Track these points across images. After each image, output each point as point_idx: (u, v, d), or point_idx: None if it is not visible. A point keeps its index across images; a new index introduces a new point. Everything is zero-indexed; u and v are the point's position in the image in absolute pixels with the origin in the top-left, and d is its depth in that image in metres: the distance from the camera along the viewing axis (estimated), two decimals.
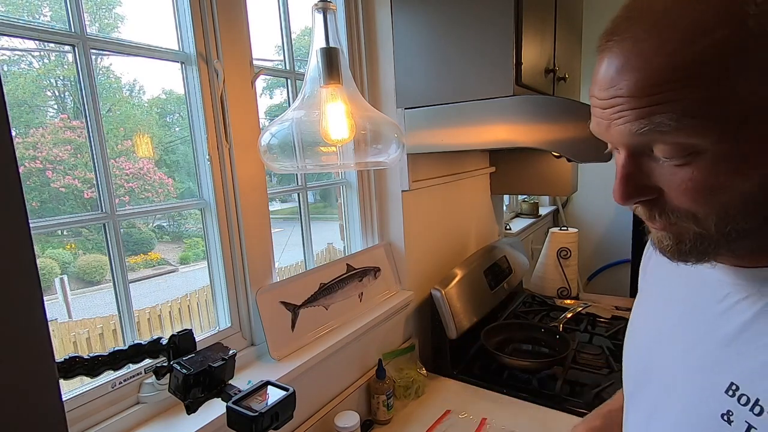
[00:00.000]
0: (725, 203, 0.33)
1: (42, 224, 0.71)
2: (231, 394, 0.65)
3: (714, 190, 0.33)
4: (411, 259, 1.40)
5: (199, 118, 0.91)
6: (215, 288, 0.99)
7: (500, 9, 1.05)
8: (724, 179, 0.33)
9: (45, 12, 1.04)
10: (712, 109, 0.31)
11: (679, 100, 0.31)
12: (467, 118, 1.13)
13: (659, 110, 0.32)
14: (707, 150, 0.32)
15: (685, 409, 0.42)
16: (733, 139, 0.31)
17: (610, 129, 0.36)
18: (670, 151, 0.34)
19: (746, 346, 0.37)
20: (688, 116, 0.31)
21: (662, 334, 0.49)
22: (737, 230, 0.34)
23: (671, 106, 0.32)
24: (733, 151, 0.32)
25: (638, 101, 0.33)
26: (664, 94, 0.32)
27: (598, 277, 2.97)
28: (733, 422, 0.36)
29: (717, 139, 0.32)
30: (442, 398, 1.23)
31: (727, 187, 0.33)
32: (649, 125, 0.33)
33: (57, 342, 2.55)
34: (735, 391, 0.36)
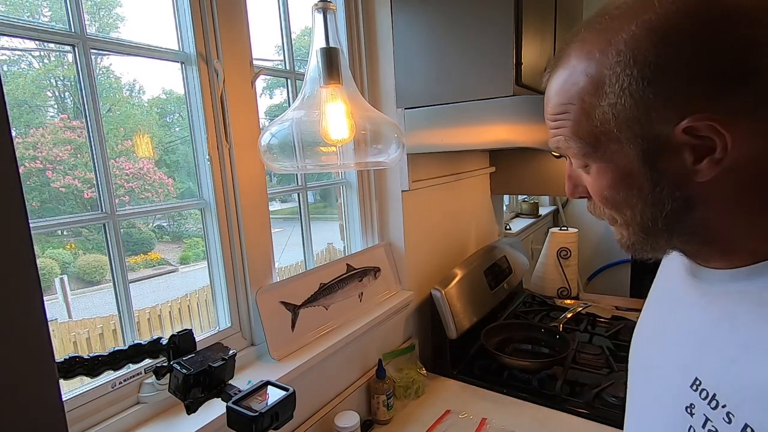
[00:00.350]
0: (620, 208, 0.42)
1: (42, 224, 0.71)
2: (231, 394, 0.65)
3: (606, 197, 0.43)
4: (411, 259, 1.40)
5: (199, 118, 0.91)
6: (215, 288, 0.99)
7: (500, 9, 1.05)
8: (607, 191, 0.42)
9: (45, 12, 1.03)
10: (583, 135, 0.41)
11: (566, 127, 0.42)
12: (467, 118, 1.13)
13: (558, 132, 0.43)
14: (591, 165, 0.42)
15: (656, 401, 0.47)
16: (604, 160, 0.41)
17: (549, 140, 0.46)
18: (575, 162, 0.45)
19: (711, 344, 0.40)
20: (571, 139, 0.42)
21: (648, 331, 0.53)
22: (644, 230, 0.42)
23: (563, 131, 0.42)
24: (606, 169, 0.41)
25: (549, 122, 0.44)
26: (559, 122, 0.42)
27: (598, 277, 2.97)
28: (695, 414, 0.39)
29: (594, 158, 0.41)
30: (442, 398, 1.23)
31: (613, 197, 0.42)
32: (555, 142, 0.44)
33: (57, 342, 2.54)
34: (698, 386, 0.40)
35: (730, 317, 0.39)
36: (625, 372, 0.57)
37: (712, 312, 0.41)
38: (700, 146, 0.35)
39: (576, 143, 0.41)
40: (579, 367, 1.30)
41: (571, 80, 0.40)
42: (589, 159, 0.42)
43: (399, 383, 1.22)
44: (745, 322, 0.37)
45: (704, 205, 0.38)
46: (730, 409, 0.36)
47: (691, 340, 0.43)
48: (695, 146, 0.35)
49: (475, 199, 1.82)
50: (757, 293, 0.37)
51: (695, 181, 0.37)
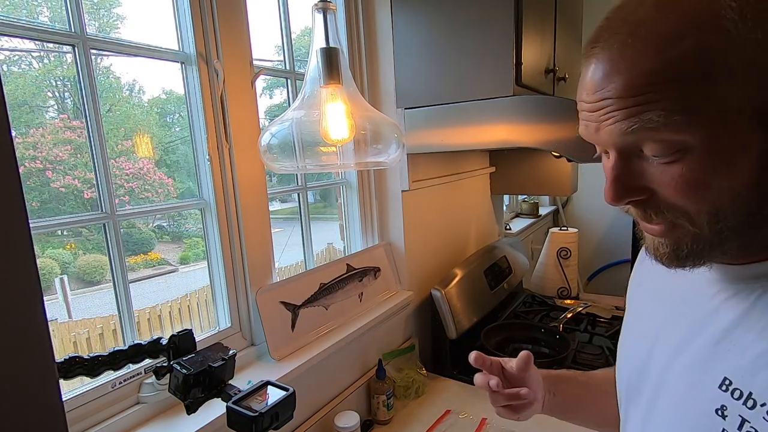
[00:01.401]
0: (715, 200, 0.35)
1: (42, 224, 0.71)
2: (231, 394, 0.65)
3: (703, 186, 0.34)
4: (411, 259, 1.40)
5: (199, 118, 0.91)
6: (215, 288, 0.99)
7: (500, 9, 1.05)
8: (712, 175, 0.34)
9: (45, 12, 1.03)
10: (697, 106, 0.32)
11: (665, 98, 0.33)
12: (467, 118, 1.13)
13: (647, 108, 0.33)
14: (695, 147, 0.33)
15: (677, 407, 0.43)
16: (717, 135, 0.33)
17: (599, 131, 0.37)
18: (659, 149, 0.35)
19: (737, 341, 0.38)
20: (675, 113, 0.32)
21: (651, 336, 0.49)
22: (729, 228, 0.35)
23: (658, 104, 0.33)
24: (718, 148, 0.33)
25: (626, 101, 0.34)
26: (650, 94, 0.33)
27: (598, 277, 2.97)
28: (728, 416, 0.36)
29: (703, 136, 0.33)
30: (442, 398, 1.23)
31: (716, 184, 0.34)
32: (639, 123, 0.34)
33: (57, 342, 2.54)
34: (728, 386, 0.37)
35: (756, 311, 0.37)
36: None
37: (734, 308, 0.39)
38: None
39: (684, 116, 0.32)
40: (579, 367, 1.30)
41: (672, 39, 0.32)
42: (697, 136, 0.33)
43: (399, 383, 1.22)
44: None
45: None
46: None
47: (712, 339, 0.40)
48: None
49: (475, 199, 1.82)
50: None
51: None
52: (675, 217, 0.37)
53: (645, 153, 0.36)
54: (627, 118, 0.34)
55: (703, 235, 0.36)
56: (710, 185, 0.34)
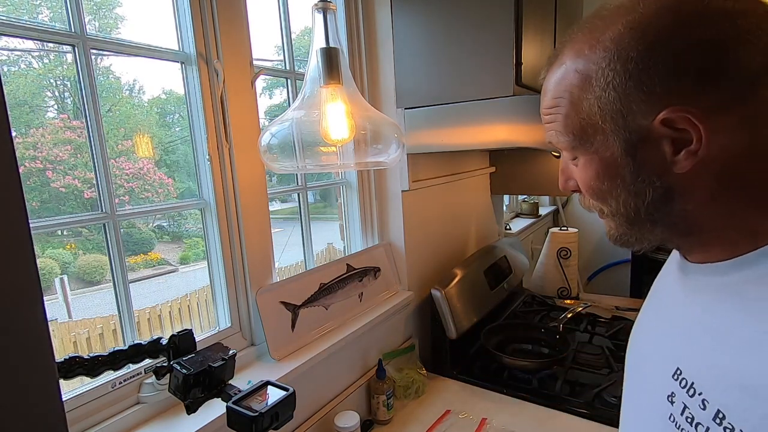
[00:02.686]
0: (605, 199, 0.44)
1: (42, 224, 0.71)
2: (231, 394, 0.65)
3: (592, 188, 0.45)
4: (411, 259, 1.40)
5: (199, 118, 0.91)
6: (215, 288, 0.99)
7: (500, 9, 1.05)
8: (593, 182, 0.44)
9: (45, 12, 1.03)
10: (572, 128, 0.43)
11: (557, 121, 0.44)
12: (467, 118, 1.13)
13: (551, 127, 0.45)
14: (579, 158, 0.45)
15: (644, 391, 0.49)
16: (590, 151, 0.43)
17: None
18: (566, 155, 0.47)
19: (692, 335, 0.42)
20: (561, 133, 0.44)
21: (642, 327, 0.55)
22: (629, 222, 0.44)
23: (555, 125, 0.45)
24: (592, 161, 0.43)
25: (544, 117, 0.47)
26: (551, 116, 0.45)
27: (598, 277, 2.97)
28: (674, 403, 0.41)
29: (581, 151, 0.44)
30: (442, 398, 1.23)
31: (599, 188, 0.44)
32: (548, 136, 0.46)
33: (57, 342, 2.55)
34: (679, 375, 0.42)
35: (710, 309, 0.41)
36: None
37: (694, 305, 0.43)
38: (678, 139, 0.37)
39: (566, 137, 0.44)
40: (579, 367, 1.30)
41: (563, 76, 0.43)
42: (577, 151, 0.44)
43: (399, 383, 1.22)
44: (722, 313, 0.39)
45: (682, 197, 0.40)
46: (705, 396, 0.38)
47: (676, 333, 0.45)
48: (674, 139, 0.38)
49: (475, 199, 1.82)
50: (735, 286, 0.39)
51: (674, 173, 0.39)
52: (592, 207, 0.47)
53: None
54: (546, 131, 0.47)
55: (615, 223, 0.45)
56: (597, 188, 0.44)
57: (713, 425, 0.36)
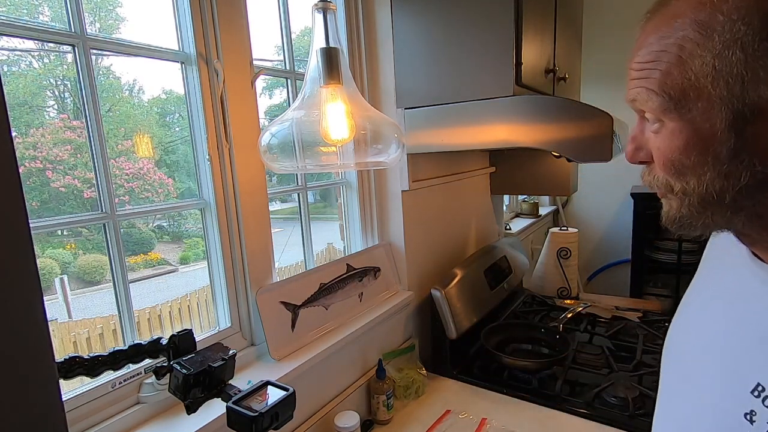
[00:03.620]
0: (683, 176, 0.39)
1: (42, 224, 0.71)
2: (231, 394, 0.65)
3: (671, 161, 0.39)
4: (411, 259, 1.40)
5: (199, 118, 0.91)
6: (215, 288, 0.99)
7: (500, 9, 1.05)
8: (676, 154, 0.38)
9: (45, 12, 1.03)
10: (670, 88, 0.37)
11: (652, 77, 0.38)
12: (467, 118, 1.13)
13: (641, 84, 0.39)
14: (667, 124, 0.39)
15: (705, 406, 0.42)
16: (682, 119, 0.37)
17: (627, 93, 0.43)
18: (650, 119, 0.41)
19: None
20: (654, 92, 0.38)
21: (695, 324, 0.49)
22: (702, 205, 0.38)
23: (648, 81, 0.39)
24: (682, 130, 0.37)
25: (634, 72, 0.40)
26: (646, 71, 0.39)
27: (598, 277, 2.97)
28: (755, 422, 0.36)
29: (672, 117, 0.38)
30: (442, 398, 1.23)
31: (681, 162, 0.38)
32: (634, 94, 0.40)
33: (57, 342, 2.55)
34: (761, 393, 0.37)
35: None
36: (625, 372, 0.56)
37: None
38: None
39: (658, 97, 0.38)
40: (579, 367, 1.30)
41: (674, 25, 0.36)
42: (667, 116, 0.38)
43: (399, 383, 1.22)
44: None
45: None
46: None
47: (754, 340, 0.39)
48: None
49: (475, 199, 1.82)
50: None
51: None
52: (659, 184, 0.42)
53: (648, 119, 0.41)
54: (632, 88, 0.40)
55: (681, 204, 0.40)
56: (676, 162, 0.38)
57: None
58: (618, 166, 2.71)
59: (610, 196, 2.82)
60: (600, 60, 2.60)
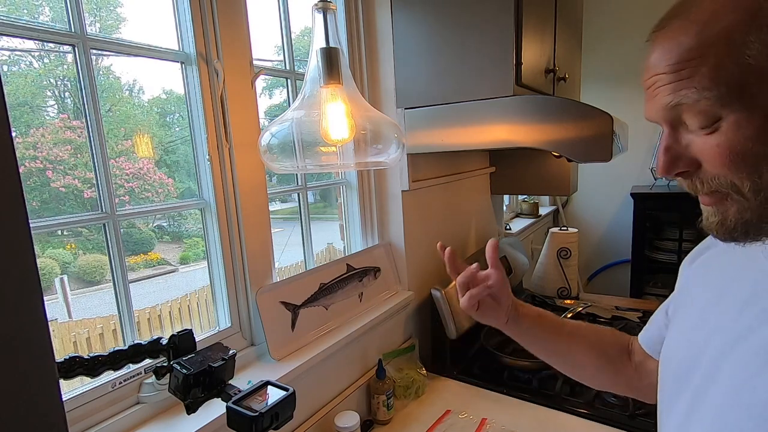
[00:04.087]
0: (755, 167, 0.37)
1: (42, 224, 0.71)
2: (231, 394, 0.65)
3: (741, 155, 0.37)
4: (411, 259, 1.40)
5: (199, 118, 0.91)
6: (215, 288, 0.99)
7: (500, 9, 1.05)
8: (749, 144, 0.37)
9: (45, 12, 1.03)
10: (725, 81, 0.36)
11: (699, 75, 0.37)
12: (467, 118, 1.13)
13: (684, 84, 0.38)
14: (728, 117, 0.37)
15: (732, 396, 0.42)
16: (746, 106, 0.36)
17: (651, 106, 0.42)
18: (698, 121, 0.39)
19: None
20: (707, 89, 0.37)
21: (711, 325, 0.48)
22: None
23: (693, 80, 0.37)
24: (751, 118, 0.36)
25: (669, 77, 0.39)
26: (688, 70, 0.37)
27: (598, 277, 2.97)
28: None
29: (734, 107, 0.36)
30: (442, 398, 1.23)
31: (753, 151, 0.37)
32: (678, 98, 0.39)
33: (57, 342, 2.55)
34: None
35: None
36: None
37: None
38: None
39: (714, 92, 0.36)
40: None
41: (714, 17, 0.36)
42: (727, 109, 0.37)
43: (399, 383, 1.22)
44: None
45: None
46: None
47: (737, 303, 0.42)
48: None
49: (475, 199, 1.82)
50: None
51: None
52: (720, 186, 0.39)
53: (689, 125, 0.40)
54: (669, 94, 0.39)
55: (750, 204, 0.38)
56: (748, 153, 0.37)
57: None
58: (618, 166, 2.72)
59: (610, 196, 2.82)
60: (600, 60, 2.60)
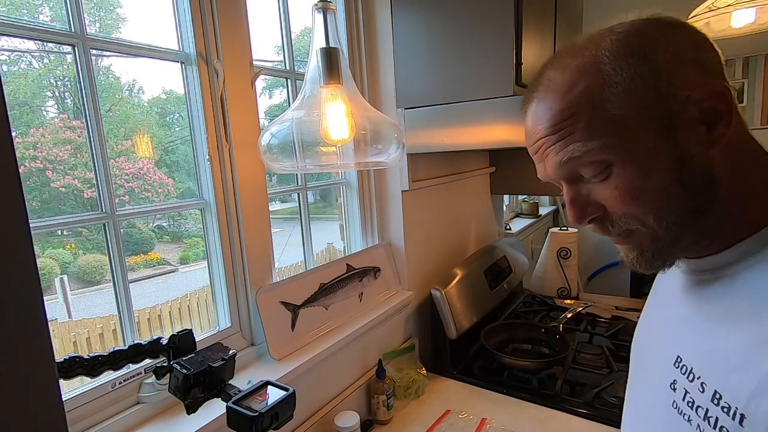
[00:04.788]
0: (652, 201, 0.41)
1: (42, 224, 0.71)
2: (231, 394, 0.65)
3: (637, 192, 0.41)
4: (411, 259, 1.40)
5: (199, 118, 0.91)
6: (215, 288, 0.99)
7: (500, 9, 1.05)
8: (640, 181, 0.40)
9: (45, 12, 1.03)
10: (602, 130, 0.40)
11: (578, 130, 0.41)
12: (467, 118, 1.13)
13: (569, 141, 0.42)
14: (616, 161, 0.41)
15: (647, 382, 0.50)
16: (628, 148, 0.40)
17: (546, 168, 0.46)
18: (592, 170, 0.42)
19: (691, 324, 0.44)
20: (589, 140, 0.40)
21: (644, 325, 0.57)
22: (675, 223, 0.41)
23: (574, 136, 0.41)
24: (634, 158, 0.40)
25: (553, 138, 0.43)
26: (567, 128, 0.41)
27: (598, 277, 2.97)
28: (676, 390, 0.43)
29: (617, 151, 0.40)
30: (442, 398, 1.23)
31: (646, 187, 0.40)
32: (567, 153, 0.42)
33: (57, 342, 2.55)
34: (679, 363, 0.44)
35: (705, 296, 0.43)
36: (625, 372, 0.58)
37: (692, 296, 0.46)
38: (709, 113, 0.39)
39: (596, 141, 0.40)
40: (579, 367, 1.30)
41: (572, 85, 0.41)
42: (612, 153, 0.40)
43: (399, 383, 1.22)
44: (714, 299, 0.42)
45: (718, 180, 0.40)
46: (703, 380, 0.39)
47: (676, 323, 0.47)
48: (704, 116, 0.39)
49: (475, 199, 1.82)
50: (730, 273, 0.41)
51: (712, 154, 0.39)
52: (628, 224, 0.43)
53: (584, 176, 0.43)
54: (560, 152, 0.43)
55: (658, 234, 0.42)
56: (642, 189, 0.40)
57: (711, 406, 0.38)
58: None
59: None
60: None
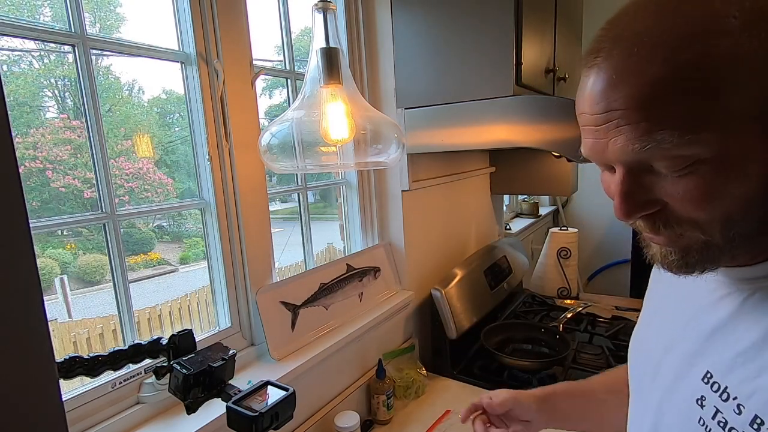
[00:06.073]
0: (728, 208, 0.34)
1: (42, 224, 0.71)
2: (231, 394, 0.65)
3: (717, 195, 0.34)
4: (411, 259, 1.40)
5: (199, 118, 0.91)
6: (215, 288, 0.99)
7: (500, 9, 1.05)
8: (726, 184, 0.33)
9: (45, 12, 1.03)
10: (707, 118, 0.31)
11: (675, 113, 0.32)
12: (467, 118, 1.13)
13: (660, 126, 0.32)
14: (707, 158, 0.33)
15: (666, 393, 0.46)
16: (728, 145, 0.32)
17: (607, 148, 0.36)
18: (672, 165, 0.34)
19: (723, 338, 0.40)
20: (687, 131, 0.32)
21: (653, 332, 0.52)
22: (740, 234, 0.35)
23: (669, 121, 0.32)
24: (730, 157, 0.32)
25: (635, 114, 0.33)
26: (659, 108, 0.32)
27: (598, 277, 2.97)
28: (705, 406, 0.40)
29: (714, 147, 0.32)
30: (442, 398, 1.23)
31: (729, 192, 0.33)
32: (652, 143, 0.33)
33: (57, 342, 2.55)
34: (709, 379, 0.40)
35: (743, 312, 0.39)
36: None
37: (724, 307, 0.41)
38: None
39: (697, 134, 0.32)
40: (579, 367, 1.30)
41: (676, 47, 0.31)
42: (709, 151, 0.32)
43: (399, 383, 1.22)
44: (758, 318, 0.37)
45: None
46: (740, 402, 0.36)
47: (702, 336, 0.42)
48: None
49: (475, 199, 1.82)
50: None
51: None
52: (684, 229, 0.36)
53: (655, 167, 0.35)
54: (639, 137, 0.33)
55: (715, 242, 0.36)
56: (724, 194, 0.33)
57: (750, 430, 0.35)
58: None
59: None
60: None
